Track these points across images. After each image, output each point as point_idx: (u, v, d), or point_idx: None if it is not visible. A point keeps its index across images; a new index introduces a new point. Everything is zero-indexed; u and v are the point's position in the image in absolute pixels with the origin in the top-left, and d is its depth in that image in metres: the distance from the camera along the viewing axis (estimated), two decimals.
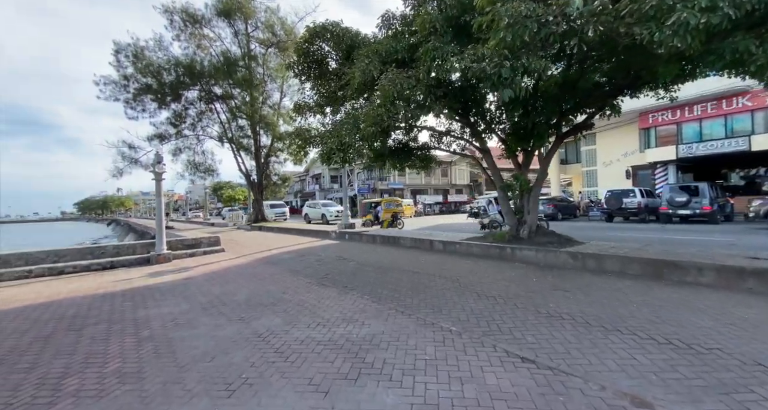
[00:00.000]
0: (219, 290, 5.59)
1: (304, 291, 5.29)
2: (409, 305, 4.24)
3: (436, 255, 7.79)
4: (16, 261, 7.67)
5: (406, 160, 9.70)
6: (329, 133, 6.03)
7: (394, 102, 4.71)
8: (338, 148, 5.73)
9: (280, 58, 21.15)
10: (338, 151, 5.77)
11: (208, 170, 22.37)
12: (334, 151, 5.81)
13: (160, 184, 9.49)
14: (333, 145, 5.75)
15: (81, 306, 4.92)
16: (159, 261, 8.91)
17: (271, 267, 7.40)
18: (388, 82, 4.67)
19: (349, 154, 5.89)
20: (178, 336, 3.57)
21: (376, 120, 4.89)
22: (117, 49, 18.36)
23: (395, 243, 9.84)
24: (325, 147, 5.95)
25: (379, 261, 7.37)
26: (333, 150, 5.80)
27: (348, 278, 5.95)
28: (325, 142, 6.02)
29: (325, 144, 6.03)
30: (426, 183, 38.93)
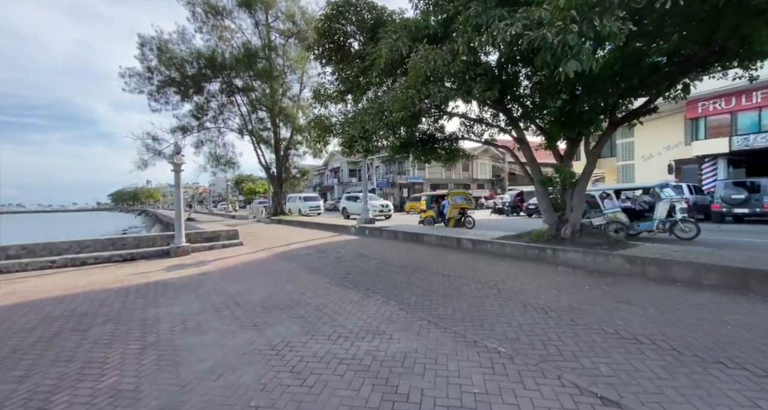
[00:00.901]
0: (234, 288, 5.25)
1: (323, 292, 4.84)
2: (443, 316, 3.68)
3: (465, 255, 7.15)
4: (41, 251, 7.70)
5: (432, 151, 9.06)
6: (351, 120, 5.49)
7: (426, 82, 4.10)
8: (360, 135, 5.18)
9: (300, 49, 20.78)
10: (360, 139, 5.23)
11: (229, 162, 22.51)
12: (356, 139, 5.27)
13: (179, 175, 9.32)
14: (355, 132, 5.21)
15: (93, 302, 4.69)
16: (178, 253, 8.78)
17: (289, 264, 7.03)
18: (421, 59, 4.05)
19: (373, 142, 5.34)
20: (185, 344, 3.19)
21: (406, 104, 4.30)
22: (142, 42, 18.54)
23: (418, 241, 9.27)
24: (347, 135, 5.41)
25: (403, 260, 6.83)
26: (355, 138, 5.26)
27: (370, 279, 5.45)
28: (346, 130, 5.49)
29: (346, 132, 5.50)
30: (446, 177, 37.89)
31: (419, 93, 4.16)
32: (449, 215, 12.16)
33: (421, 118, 5.41)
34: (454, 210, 12.13)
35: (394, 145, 7.60)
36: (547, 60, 3.24)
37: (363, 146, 5.40)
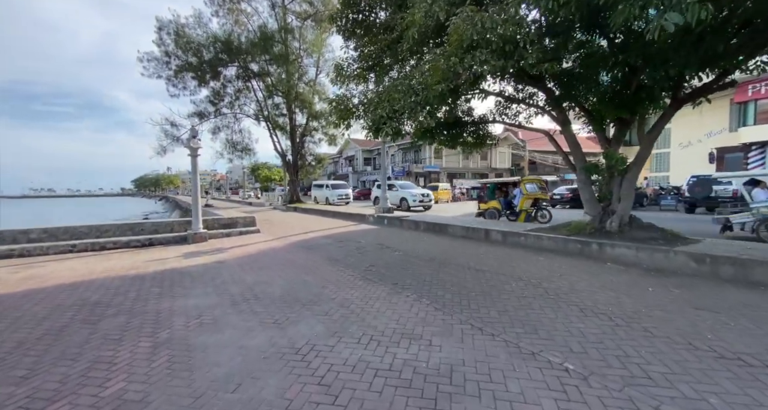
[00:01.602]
0: (252, 278, 4.94)
1: (346, 286, 4.45)
2: (487, 319, 3.21)
3: (497, 248, 6.62)
4: (61, 235, 7.65)
5: (458, 136, 8.43)
6: (378, 98, 4.96)
7: (471, 48, 3.51)
8: (390, 116, 4.65)
9: (317, 31, 20.09)
10: (389, 119, 4.69)
11: (245, 149, 22.40)
12: (384, 119, 4.74)
13: (196, 160, 9.07)
14: (384, 112, 4.68)
15: (108, 290, 4.47)
16: (195, 240, 8.62)
17: (308, 254, 6.69)
18: (465, 21, 3.45)
19: (403, 123, 4.79)
20: (200, 344, 2.86)
21: (446, 75, 3.71)
22: (159, 26, 18.29)
23: (442, 232, 8.76)
24: (374, 115, 4.88)
25: (429, 253, 6.36)
26: (384, 118, 4.73)
27: (397, 272, 5.02)
28: (373, 110, 4.96)
29: (373, 112, 4.97)
30: (464, 166, 36.85)
31: (462, 61, 3.57)
32: (521, 207, 9.99)
33: (462, 93, 4.81)
34: (527, 201, 9.92)
35: (419, 130, 7.01)
36: (629, 14, 2.60)
37: (392, 128, 4.85)
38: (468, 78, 3.78)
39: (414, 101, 4.22)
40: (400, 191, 17.59)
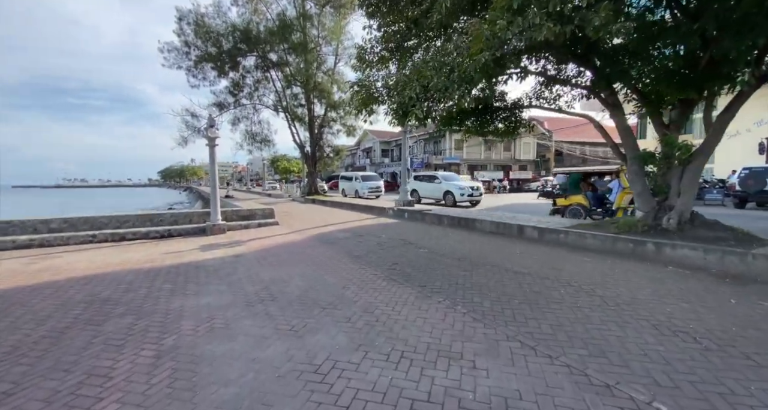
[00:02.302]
0: (269, 275, 4.61)
1: (369, 287, 4.03)
2: (540, 335, 2.71)
3: (533, 247, 6.02)
4: (82, 225, 7.64)
5: (488, 123, 7.77)
6: (406, 78, 4.40)
7: (521, 10, 2.91)
8: (420, 96, 4.09)
9: (336, 17, 19.49)
10: (419, 101, 4.13)
11: (264, 140, 22.32)
12: (413, 101, 4.18)
13: (214, 149, 8.85)
14: (413, 92, 4.13)
15: (119, 286, 4.25)
16: (214, 232, 8.47)
17: (327, 249, 6.33)
18: None
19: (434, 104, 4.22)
20: (207, 354, 2.51)
21: (491, 43, 3.13)
22: (180, 16, 18.19)
23: (469, 227, 8.19)
24: (402, 97, 4.35)
25: (457, 251, 5.85)
26: (413, 100, 4.18)
27: (424, 273, 4.55)
28: (400, 91, 4.41)
29: (400, 93, 4.43)
30: (486, 158, 35.61)
31: (510, 26, 2.98)
32: (618, 204, 7.84)
33: (508, 65, 4.17)
34: (626, 196, 7.78)
35: (447, 116, 6.40)
36: None
37: (422, 110, 4.29)
38: (517, 46, 3.18)
39: (449, 78, 3.65)
40: (444, 183, 14.96)
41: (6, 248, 6.51)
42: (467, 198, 14.45)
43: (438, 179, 15.49)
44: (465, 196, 14.39)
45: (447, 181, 15.33)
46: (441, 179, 15.42)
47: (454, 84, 3.65)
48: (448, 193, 14.66)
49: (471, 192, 14.56)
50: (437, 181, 15.44)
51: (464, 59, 3.47)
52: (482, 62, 3.24)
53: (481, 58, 3.23)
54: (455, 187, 14.63)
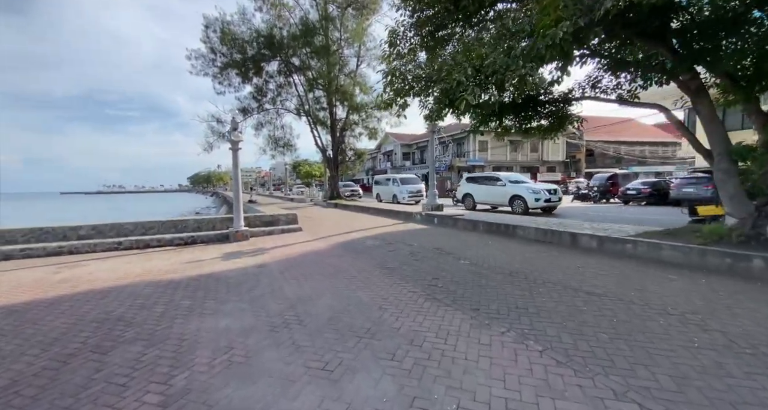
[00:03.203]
0: (294, 291, 4.13)
1: (410, 309, 3.44)
2: (660, 392, 2.00)
3: (593, 259, 5.21)
4: (108, 231, 7.56)
5: (530, 120, 7.03)
6: (453, 60, 3.81)
7: None
8: (471, 79, 3.45)
9: (359, 20, 19.24)
10: (472, 86, 3.50)
11: (287, 145, 22.37)
12: (463, 85, 3.54)
13: (237, 153, 8.61)
14: (461, 76, 3.52)
15: (135, 301, 3.91)
16: (237, 238, 8.19)
17: (356, 259, 5.81)
18: None
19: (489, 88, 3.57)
20: (223, 403, 2.01)
21: (571, 11, 2.49)
22: (206, 24, 18.58)
23: (510, 234, 7.42)
24: (446, 83, 3.74)
25: (504, 263, 5.14)
26: (462, 84, 3.55)
27: (472, 291, 3.91)
28: (445, 76, 3.81)
29: (444, 79, 3.83)
30: (511, 159, 34.21)
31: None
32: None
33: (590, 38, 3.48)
34: None
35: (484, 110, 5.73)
36: None
37: (475, 96, 3.62)
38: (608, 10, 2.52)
39: (510, 55, 3.02)
40: (510, 186, 12.02)
41: (38, 255, 6.47)
42: (543, 204, 11.27)
43: (501, 181, 12.49)
44: (541, 201, 11.16)
45: (513, 182, 12.34)
46: (505, 181, 12.38)
47: (518, 60, 3.00)
48: (517, 198, 11.64)
49: (548, 196, 11.31)
50: (500, 182, 12.47)
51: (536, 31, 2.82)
52: (559, 36, 2.59)
53: (557, 31, 2.59)
54: (526, 189, 11.57)
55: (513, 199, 11.84)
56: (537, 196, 11.26)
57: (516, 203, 11.71)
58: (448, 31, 5.80)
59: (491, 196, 12.89)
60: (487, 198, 13.13)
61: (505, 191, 12.17)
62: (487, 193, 13.02)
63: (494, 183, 12.85)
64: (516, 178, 12.95)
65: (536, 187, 11.95)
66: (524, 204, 11.37)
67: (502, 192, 12.33)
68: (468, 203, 13.79)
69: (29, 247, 6.36)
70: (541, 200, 11.23)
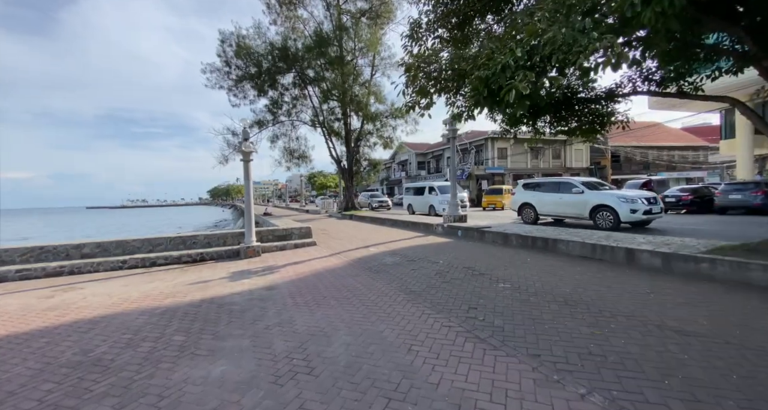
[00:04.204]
0: (306, 323, 3.48)
1: (448, 352, 2.72)
2: None
3: (662, 281, 4.33)
4: (114, 249, 7.19)
5: (568, 119, 6.28)
6: (494, 44, 3.17)
7: None
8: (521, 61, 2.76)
9: (373, 29, 19.09)
10: (521, 69, 2.82)
11: (302, 156, 22.19)
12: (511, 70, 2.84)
13: (248, 165, 8.20)
14: (510, 57, 2.85)
15: (122, 337, 3.35)
16: (248, 254, 7.69)
17: (375, 279, 5.12)
18: None
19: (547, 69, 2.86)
20: None
21: None
22: (222, 39, 18.85)
23: (549, 250, 6.56)
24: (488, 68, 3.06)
25: (555, 288, 4.32)
26: (510, 68, 2.86)
27: (524, 327, 3.14)
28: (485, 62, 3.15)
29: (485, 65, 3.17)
30: (533, 167, 32.94)
31: None
32: None
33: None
34: None
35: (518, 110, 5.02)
36: None
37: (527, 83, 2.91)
38: None
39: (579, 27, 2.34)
40: (591, 194, 9.48)
41: (37, 276, 6.11)
42: (641, 216, 8.51)
43: (576, 187, 9.87)
44: (639, 213, 8.47)
45: (593, 188, 9.72)
46: (582, 187, 9.72)
47: (590, 33, 2.30)
48: (603, 209, 9.01)
49: (646, 206, 8.61)
50: (575, 189, 9.86)
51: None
52: None
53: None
54: (617, 198, 8.83)
55: (596, 210, 9.29)
56: (633, 205, 8.58)
57: (601, 215, 9.13)
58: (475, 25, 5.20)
59: (562, 207, 10.28)
60: (555, 209, 10.52)
61: (584, 200, 9.58)
62: (556, 202, 10.42)
63: (566, 190, 10.21)
64: (594, 182, 10.35)
65: (629, 194, 9.17)
66: (614, 216, 8.76)
67: (578, 201, 9.74)
68: (527, 215, 11.32)
69: (27, 268, 6.01)
70: (638, 212, 8.49)
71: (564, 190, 10.34)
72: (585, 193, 9.67)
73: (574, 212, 9.95)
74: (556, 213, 10.64)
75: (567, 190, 10.24)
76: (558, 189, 10.58)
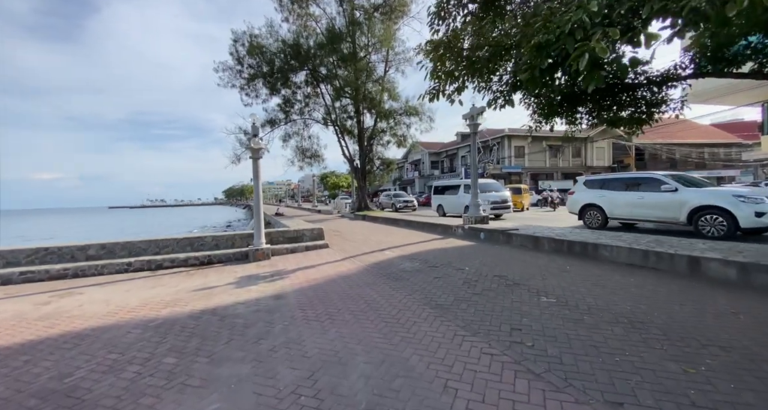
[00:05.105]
0: (316, 346, 2.95)
1: (495, 391, 2.14)
2: None
3: (744, 298, 3.61)
4: (119, 250, 6.89)
5: (611, 108, 5.57)
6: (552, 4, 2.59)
7: None
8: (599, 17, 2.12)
9: (387, 23, 18.54)
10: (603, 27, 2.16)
11: (314, 156, 21.87)
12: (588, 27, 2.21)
13: (258, 162, 7.79)
14: (582, 14, 2.26)
15: (108, 355, 2.91)
16: (257, 257, 7.27)
17: (393, 289, 4.56)
18: None
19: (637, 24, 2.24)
20: None
21: None
22: (234, 38, 18.68)
23: (589, 256, 5.83)
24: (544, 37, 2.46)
25: (612, 305, 3.65)
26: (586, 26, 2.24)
27: (589, 359, 2.51)
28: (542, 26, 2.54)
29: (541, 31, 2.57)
30: (551, 165, 31.73)
31: None
32: None
33: None
34: None
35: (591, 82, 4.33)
36: None
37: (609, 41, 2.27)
38: None
39: None
40: (688, 192, 7.55)
41: (40, 279, 5.84)
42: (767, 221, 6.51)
43: (667, 184, 7.86)
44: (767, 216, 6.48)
45: (689, 186, 7.72)
46: (674, 184, 7.79)
47: None
48: (709, 212, 7.05)
49: None
50: (665, 186, 7.86)
51: None
52: None
53: None
54: (732, 198, 6.78)
55: (698, 213, 7.20)
56: (759, 207, 6.50)
57: (708, 220, 7.05)
58: None
59: (644, 209, 8.21)
60: (633, 211, 8.45)
61: (680, 200, 7.50)
62: (635, 203, 8.36)
63: (649, 187, 8.19)
64: (687, 177, 8.20)
65: (741, 191, 7.11)
66: (730, 221, 6.67)
67: (670, 201, 7.68)
68: (592, 219, 9.37)
69: (31, 270, 5.74)
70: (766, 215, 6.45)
71: (647, 187, 8.25)
72: (680, 191, 7.59)
73: (664, 215, 7.85)
74: (634, 216, 8.53)
75: (651, 187, 8.13)
76: (636, 186, 8.50)
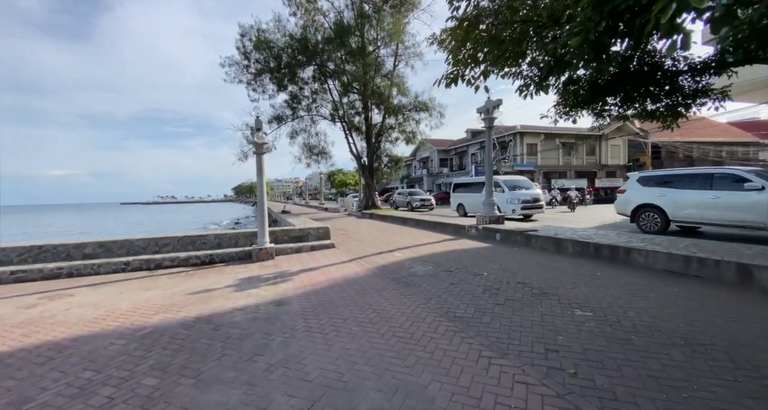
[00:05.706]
0: (319, 366, 2.55)
1: None
2: None
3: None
4: (117, 249, 6.61)
5: (644, 99, 5.05)
6: None
7: None
8: None
9: (396, 17, 18.03)
10: None
11: (321, 153, 21.54)
12: None
13: (261, 158, 7.42)
14: None
15: (82, 373, 2.57)
16: (260, 257, 6.93)
17: (404, 296, 4.14)
18: None
19: None
20: None
21: None
22: (242, 33, 18.40)
23: (621, 261, 5.31)
24: None
25: (660, 320, 3.18)
26: None
27: (647, 392, 2.06)
28: None
29: None
30: (565, 163, 30.80)
31: None
32: None
33: None
34: None
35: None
36: None
37: None
38: None
39: None
40: None
41: (33, 278, 5.57)
42: None
43: (751, 181, 6.74)
44: None
45: None
46: (760, 181, 6.65)
47: None
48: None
49: None
50: (749, 184, 6.74)
51: None
52: None
53: None
54: None
55: None
56: None
57: None
58: None
59: (717, 210, 7.06)
60: (704, 213, 7.26)
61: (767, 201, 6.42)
62: (707, 204, 7.18)
63: (725, 185, 7.04)
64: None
65: None
66: None
67: (755, 202, 6.53)
68: (649, 221, 8.13)
69: (22, 269, 5.47)
70: None
71: (721, 185, 7.06)
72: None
73: (748, 218, 6.68)
74: (707, 218, 7.29)
75: (727, 185, 6.97)
76: (708, 184, 7.26)
